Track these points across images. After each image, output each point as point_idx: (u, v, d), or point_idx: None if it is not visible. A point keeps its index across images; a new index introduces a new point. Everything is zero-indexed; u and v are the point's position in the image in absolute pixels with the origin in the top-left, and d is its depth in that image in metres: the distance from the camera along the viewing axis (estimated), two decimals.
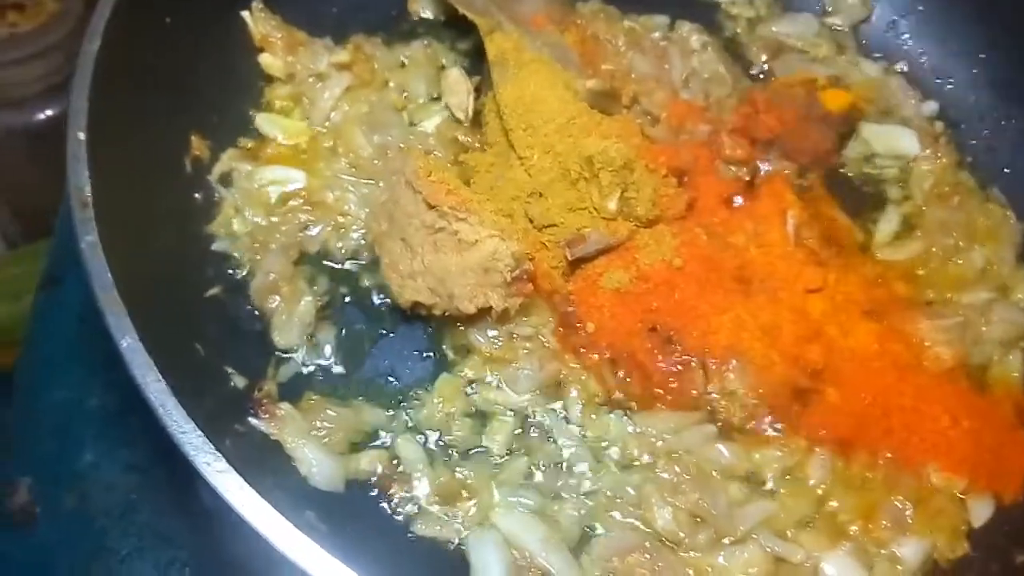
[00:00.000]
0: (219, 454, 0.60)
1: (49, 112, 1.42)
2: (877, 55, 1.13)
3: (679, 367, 0.85)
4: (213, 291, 0.81)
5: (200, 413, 0.62)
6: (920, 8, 1.13)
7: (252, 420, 0.74)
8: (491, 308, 0.81)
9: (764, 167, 0.98)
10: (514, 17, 1.02)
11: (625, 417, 0.81)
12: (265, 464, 0.70)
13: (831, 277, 0.91)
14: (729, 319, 0.87)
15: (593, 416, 0.81)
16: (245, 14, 0.96)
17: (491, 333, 0.84)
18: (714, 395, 0.84)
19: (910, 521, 0.78)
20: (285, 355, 0.81)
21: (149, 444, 0.83)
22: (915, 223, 0.99)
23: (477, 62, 1.03)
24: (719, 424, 0.82)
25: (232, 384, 0.76)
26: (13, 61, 1.39)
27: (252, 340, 0.80)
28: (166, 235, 0.79)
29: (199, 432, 0.60)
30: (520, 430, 0.80)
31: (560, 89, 0.95)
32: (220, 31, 0.93)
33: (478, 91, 1.01)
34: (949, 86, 1.11)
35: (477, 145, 0.98)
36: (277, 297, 0.82)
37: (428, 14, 1.08)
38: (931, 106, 1.09)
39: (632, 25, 1.09)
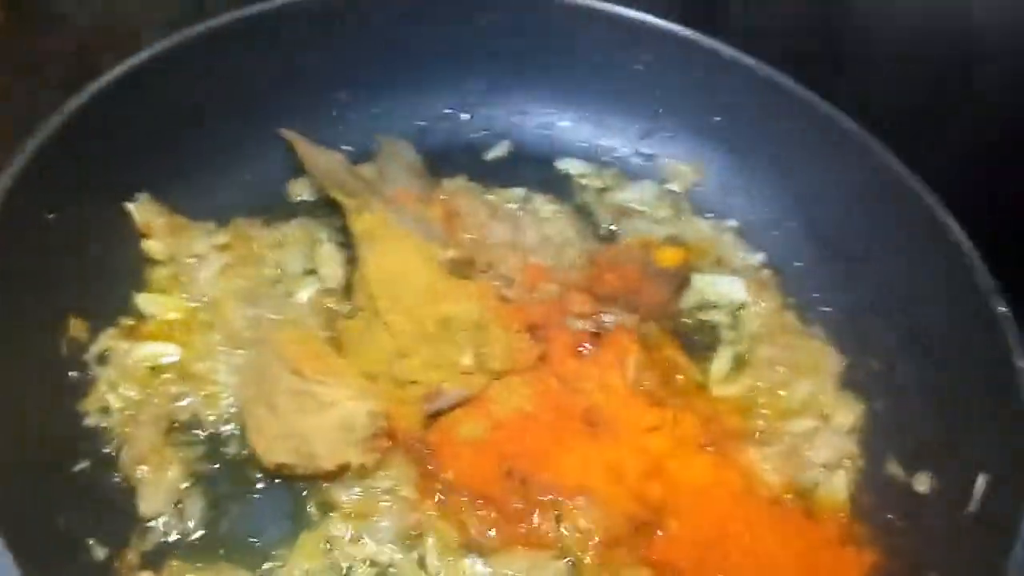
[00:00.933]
0: None
1: None
2: (709, 214, 1.28)
3: (533, 508, 0.92)
4: (81, 465, 0.85)
5: None
6: (743, 173, 1.30)
7: None
8: (350, 464, 0.87)
9: (608, 319, 1.09)
10: (382, 194, 1.14)
11: (480, 560, 0.87)
12: None
13: (669, 416, 1.00)
14: (577, 460, 0.95)
15: (450, 560, 0.86)
16: (130, 206, 1.06)
17: (353, 490, 0.90)
18: (565, 532, 0.90)
19: None
20: (150, 524, 0.85)
21: None
22: (745, 361, 1.10)
23: (350, 236, 1.13)
24: (570, 560, 0.88)
25: (94, 556, 0.79)
26: None
27: (117, 511, 0.84)
28: (36, 415, 0.84)
29: None
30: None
31: (421, 259, 1.06)
32: (103, 223, 1.02)
33: (351, 263, 1.11)
34: (773, 237, 1.26)
35: (348, 312, 1.07)
36: (145, 467, 0.87)
37: (306, 196, 1.20)
38: (759, 256, 1.23)
39: (491, 198, 1.23)
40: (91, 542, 0.80)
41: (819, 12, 1.41)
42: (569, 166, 1.32)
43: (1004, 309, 0.96)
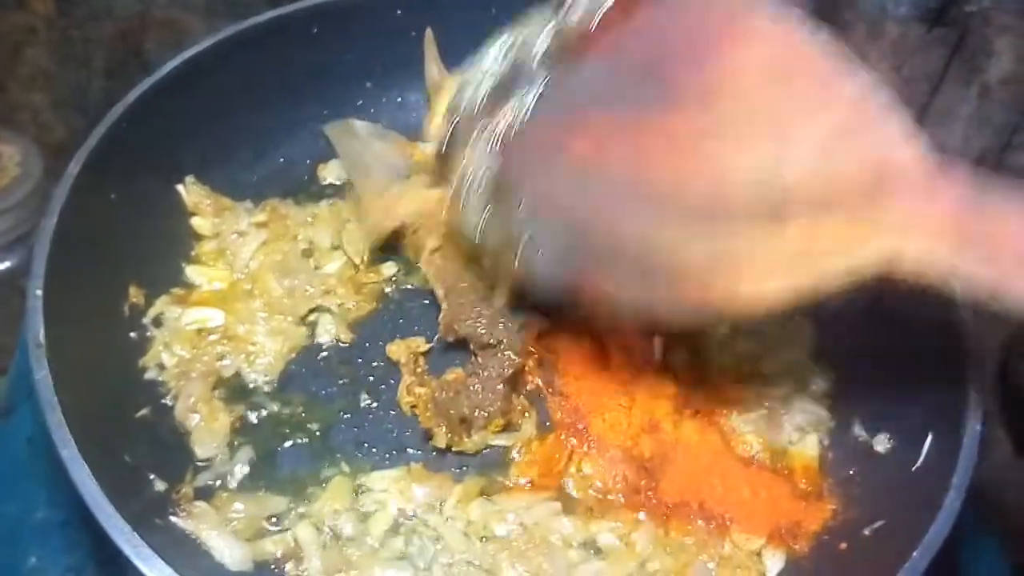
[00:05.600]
0: (143, 541, 0.77)
1: (8, 263, 1.60)
2: None
3: None
4: (143, 412, 0.99)
5: (127, 510, 0.79)
6: None
7: (172, 518, 0.90)
8: None
9: None
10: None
11: (487, 500, 0.99)
12: (182, 550, 0.87)
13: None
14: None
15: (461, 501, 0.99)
16: (180, 188, 1.18)
17: None
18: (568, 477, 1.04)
19: (714, 574, 0.96)
20: (202, 463, 0.98)
21: (85, 549, 0.99)
22: (733, 337, 1.20)
23: None
24: (566, 501, 1.01)
25: (155, 488, 0.93)
26: None
27: (174, 451, 0.97)
28: (105, 368, 0.98)
29: (126, 523, 0.76)
30: (399, 518, 0.97)
31: None
32: (157, 201, 1.15)
33: None
34: None
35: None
36: (197, 415, 1.00)
37: (334, 179, 1.32)
38: None
39: None
40: (152, 476, 0.93)
41: None
42: None
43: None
